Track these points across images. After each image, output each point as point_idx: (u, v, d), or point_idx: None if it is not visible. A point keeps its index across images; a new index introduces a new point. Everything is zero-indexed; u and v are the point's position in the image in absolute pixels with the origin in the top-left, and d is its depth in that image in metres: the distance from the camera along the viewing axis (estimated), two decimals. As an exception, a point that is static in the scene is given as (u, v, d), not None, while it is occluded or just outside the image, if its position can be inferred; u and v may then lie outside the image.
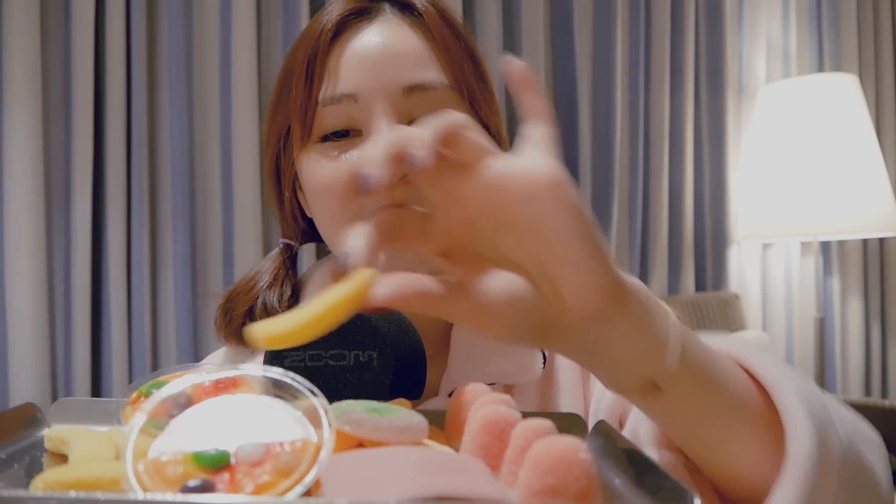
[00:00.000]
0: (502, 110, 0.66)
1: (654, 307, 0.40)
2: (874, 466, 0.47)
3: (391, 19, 0.62)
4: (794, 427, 0.41)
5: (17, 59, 1.26)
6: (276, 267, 0.70)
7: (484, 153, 0.37)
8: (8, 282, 1.26)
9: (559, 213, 0.36)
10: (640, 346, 0.39)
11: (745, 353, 0.46)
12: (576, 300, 0.37)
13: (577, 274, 0.36)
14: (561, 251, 0.36)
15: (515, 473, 0.30)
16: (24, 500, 0.28)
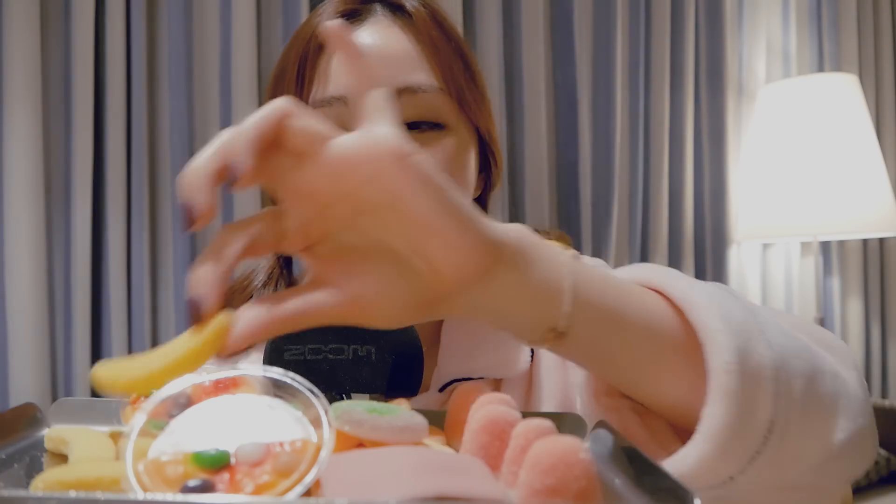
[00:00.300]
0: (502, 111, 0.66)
1: (541, 253, 0.39)
2: (838, 370, 0.46)
3: (382, 21, 0.62)
4: (711, 341, 0.40)
5: (17, 59, 1.26)
6: (270, 266, 0.70)
7: (316, 138, 0.35)
8: (8, 282, 1.26)
9: (410, 185, 0.35)
10: (530, 297, 0.39)
11: (659, 277, 0.45)
12: (450, 268, 0.36)
13: (444, 243, 0.36)
14: (423, 224, 0.35)
15: (515, 473, 0.30)
16: (24, 500, 0.28)
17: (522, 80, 1.68)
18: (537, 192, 1.68)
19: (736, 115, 2.09)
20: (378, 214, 0.36)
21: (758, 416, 0.40)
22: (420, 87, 0.59)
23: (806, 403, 0.42)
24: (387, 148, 0.35)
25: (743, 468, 0.42)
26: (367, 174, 0.35)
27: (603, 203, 1.79)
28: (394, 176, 0.35)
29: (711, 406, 0.40)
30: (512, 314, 0.40)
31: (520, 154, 1.68)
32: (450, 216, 0.35)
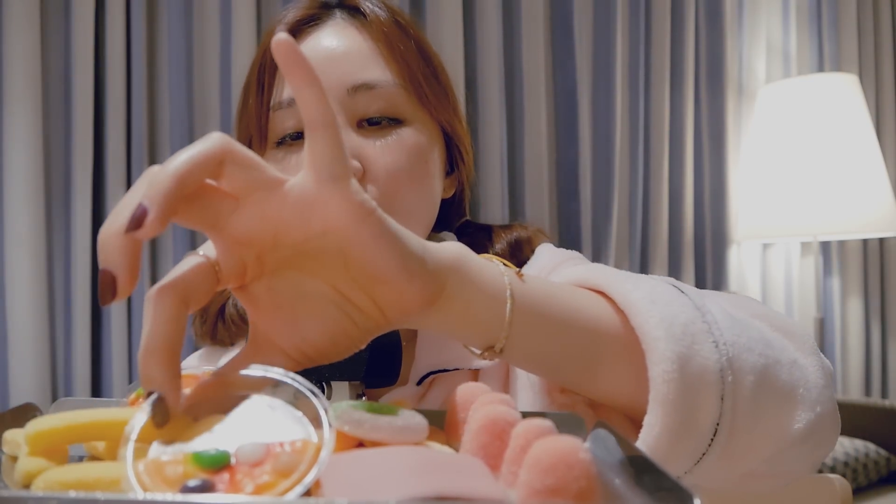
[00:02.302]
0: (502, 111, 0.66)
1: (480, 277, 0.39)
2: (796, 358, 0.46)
3: (339, 23, 0.63)
4: (651, 350, 0.41)
5: (17, 59, 1.26)
6: None
7: (258, 184, 0.32)
8: (8, 282, 1.26)
9: (363, 244, 0.33)
10: (470, 321, 0.40)
11: (603, 279, 0.46)
12: (393, 307, 0.36)
13: (391, 290, 0.35)
14: (372, 274, 0.34)
15: (515, 473, 0.30)
16: (24, 500, 0.28)
17: (522, 80, 1.68)
18: (537, 191, 1.68)
19: (736, 115, 2.09)
20: (323, 262, 0.35)
21: (700, 419, 0.41)
22: (375, 83, 0.60)
23: (758, 397, 0.42)
24: (345, 205, 0.33)
25: (689, 468, 0.42)
26: (317, 228, 0.33)
27: (603, 203, 1.79)
28: (348, 234, 0.33)
29: (651, 415, 0.40)
30: (452, 335, 0.41)
31: (520, 154, 1.68)
32: (402, 268, 0.35)
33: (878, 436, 1.77)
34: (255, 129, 0.63)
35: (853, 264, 2.23)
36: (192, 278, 0.33)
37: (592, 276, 0.47)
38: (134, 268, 0.30)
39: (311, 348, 0.36)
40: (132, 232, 0.29)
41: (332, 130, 0.33)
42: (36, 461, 0.32)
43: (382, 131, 0.60)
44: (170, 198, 0.30)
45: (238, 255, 0.34)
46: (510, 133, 1.68)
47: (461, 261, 0.39)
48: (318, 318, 0.36)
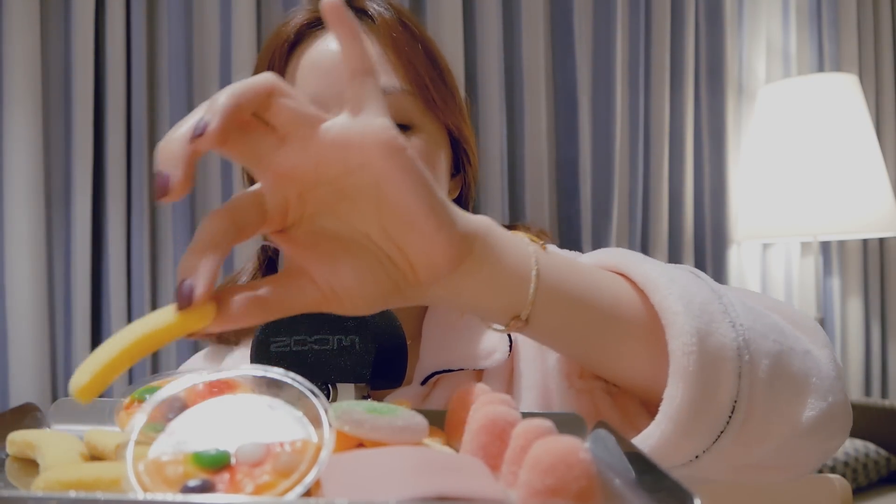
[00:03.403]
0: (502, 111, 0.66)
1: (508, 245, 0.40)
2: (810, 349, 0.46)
3: None
4: (671, 324, 0.42)
5: (17, 59, 1.26)
6: (254, 268, 0.72)
7: (304, 120, 0.35)
8: (8, 282, 1.26)
9: (397, 179, 0.35)
10: (496, 289, 0.40)
11: (623, 260, 0.47)
12: (423, 262, 0.37)
13: (421, 238, 0.36)
14: (402, 216, 0.36)
15: (515, 473, 0.30)
16: (24, 500, 0.28)
17: (522, 80, 1.68)
18: (537, 191, 1.68)
19: (736, 115, 2.09)
20: (359, 203, 0.36)
21: (719, 395, 0.41)
22: (384, 89, 0.60)
23: (773, 381, 0.43)
24: (379, 139, 0.34)
25: (707, 446, 0.42)
26: (355, 162, 0.35)
27: (603, 203, 1.79)
28: (383, 168, 0.35)
29: (672, 387, 0.41)
30: (478, 304, 0.41)
31: (520, 154, 1.68)
32: (430, 213, 0.36)
33: (878, 436, 1.77)
34: None
35: (853, 264, 2.23)
36: (244, 207, 0.35)
37: (610, 257, 0.47)
38: (190, 173, 0.32)
39: (341, 287, 0.37)
40: (194, 140, 0.32)
41: (372, 78, 0.36)
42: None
43: None
44: (228, 115, 0.32)
45: (282, 192, 0.36)
46: (510, 133, 1.68)
47: (489, 228, 0.40)
48: (351, 262, 0.37)
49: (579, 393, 0.48)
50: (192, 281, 0.32)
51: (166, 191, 0.32)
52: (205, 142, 0.32)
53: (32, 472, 0.37)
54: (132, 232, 1.37)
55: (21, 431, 0.39)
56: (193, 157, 0.32)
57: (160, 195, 0.32)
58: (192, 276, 0.33)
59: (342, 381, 0.46)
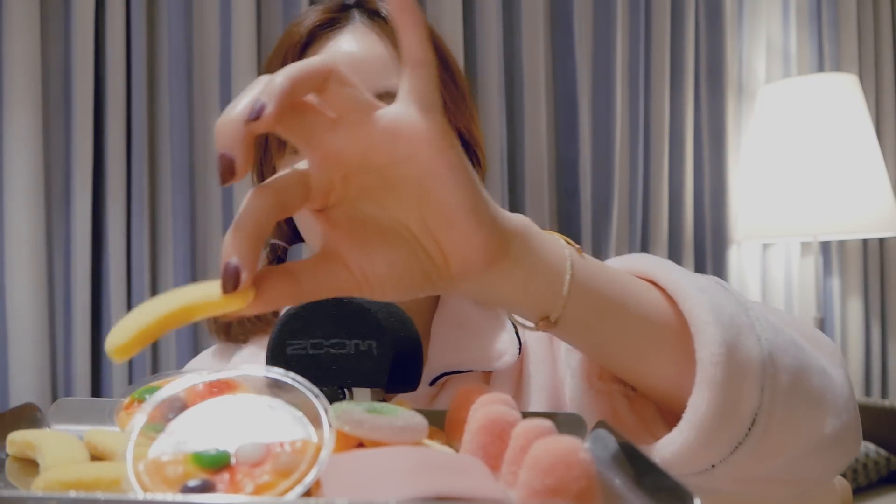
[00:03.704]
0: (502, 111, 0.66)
1: (543, 247, 0.40)
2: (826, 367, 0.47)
3: (360, 28, 0.63)
4: (700, 333, 0.42)
5: (17, 59, 1.26)
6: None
7: (357, 106, 0.35)
8: (8, 282, 1.26)
9: (441, 174, 0.35)
10: (529, 289, 0.40)
11: (654, 267, 0.47)
12: (459, 257, 0.37)
13: (459, 235, 0.36)
14: (443, 212, 0.36)
15: (515, 473, 0.30)
16: (24, 500, 0.28)
17: (522, 80, 1.68)
18: (537, 191, 1.68)
19: (736, 115, 2.09)
20: (402, 193, 0.36)
21: (742, 406, 0.41)
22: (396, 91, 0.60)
23: (791, 397, 0.43)
24: (429, 133, 0.35)
25: (725, 457, 0.43)
26: (403, 153, 0.35)
27: (603, 203, 1.79)
28: (429, 162, 0.35)
29: (697, 395, 0.41)
30: (509, 301, 0.41)
31: (520, 153, 1.68)
32: (471, 211, 0.36)
33: (878, 436, 1.77)
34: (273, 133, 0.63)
35: (853, 264, 2.23)
36: (289, 184, 0.35)
37: (640, 263, 0.48)
38: (249, 153, 0.33)
39: (374, 276, 0.37)
40: (251, 122, 0.32)
41: (429, 68, 0.36)
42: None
43: None
44: (283, 96, 0.32)
45: (327, 173, 0.36)
46: (510, 133, 1.68)
47: (528, 228, 0.40)
48: (387, 251, 0.37)
49: (598, 394, 0.48)
50: (238, 264, 0.33)
51: (232, 171, 0.32)
52: (261, 125, 0.32)
53: (32, 472, 0.37)
54: (132, 232, 1.37)
55: (21, 431, 0.39)
56: (251, 138, 0.33)
57: (226, 177, 0.32)
58: (239, 257, 0.33)
59: (358, 385, 0.46)
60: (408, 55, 0.36)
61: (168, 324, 0.32)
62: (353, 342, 0.47)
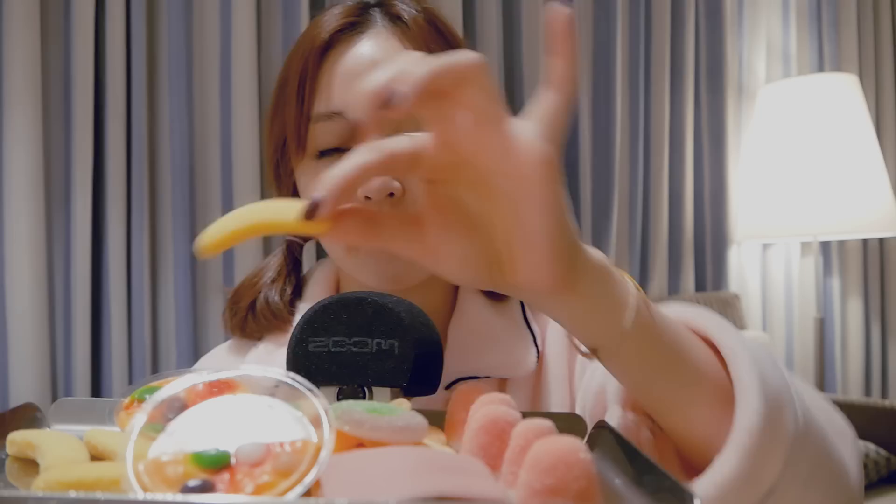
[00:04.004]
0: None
1: (611, 287, 0.41)
2: (844, 457, 0.48)
3: (381, 32, 0.62)
4: (744, 398, 0.43)
5: (17, 59, 1.26)
6: (279, 264, 0.72)
7: (488, 110, 0.36)
8: (8, 282, 1.26)
9: (537, 204, 0.36)
10: (586, 322, 0.41)
11: (706, 322, 0.48)
12: (527, 276, 0.38)
13: (535, 259, 0.37)
14: (527, 236, 0.37)
15: (515, 473, 0.30)
16: (24, 500, 0.28)
17: (522, 80, 1.68)
18: (537, 192, 1.68)
19: (736, 115, 2.09)
20: (498, 200, 0.37)
21: (764, 477, 0.43)
22: None
23: (808, 480, 0.45)
24: (542, 162, 0.36)
25: None
26: (511, 169, 0.36)
27: (603, 203, 1.79)
28: (531, 188, 0.36)
29: (726, 458, 0.42)
30: (564, 325, 0.42)
31: (520, 154, 1.68)
32: (552, 245, 0.37)
33: (878, 436, 1.77)
34: (293, 136, 0.62)
35: (853, 264, 2.23)
36: (399, 150, 0.37)
37: (693, 316, 0.49)
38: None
39: (444, 254, 0.39)
40: (387, 107, 0.33)
41: (565, 104, 0.37)
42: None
43: None
44: (423, 89, 0.33)
45: (443, 155, 0.37)
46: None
47: (602, 268, 0.41)
48: (466, 239, 0.38)
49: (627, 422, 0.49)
50: (320, 199, 0.34)
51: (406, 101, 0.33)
52: (395, 113, 0.33)
53: (32, 472, 0.37)
54: (132, 232, 1.37)
55: (21, 431, 0.39)
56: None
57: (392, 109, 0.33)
58: (324, 194, 0.34)
59: (379, 384, 0.46)
60: (554, 82, 0.37)
61: (256, 231, 0.36)
62: (375, 341, 0.47)
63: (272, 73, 1.49)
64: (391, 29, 0.63)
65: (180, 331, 1.40)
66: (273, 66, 1.48)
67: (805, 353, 2.20)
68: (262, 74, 1.47)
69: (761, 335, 1.94)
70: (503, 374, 0.63)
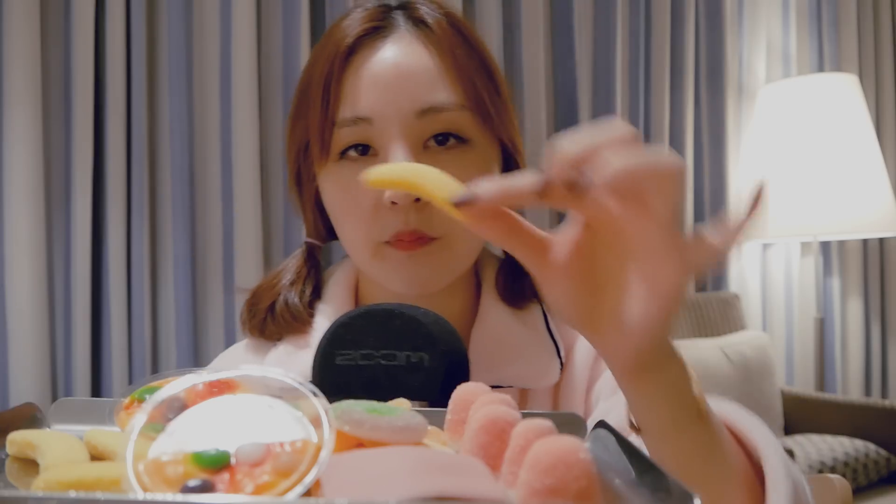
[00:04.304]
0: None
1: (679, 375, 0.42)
2: None
3: (405, 36, 0.62)
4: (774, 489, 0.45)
5: (17, 59, 1.26)
6: (299, 265, 0.71)
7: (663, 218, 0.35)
8: (8, 282, 1.26)
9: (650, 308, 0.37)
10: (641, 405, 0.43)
11: (738, 418, 0.50)
12: (607, 347, 0.40)
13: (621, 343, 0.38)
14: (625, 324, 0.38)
15: (515, 473, 0.30)
16: (24, 500, 0.28)
17: (522, 80, 1.68)
18: (537, 192, 1.68)
19: (736, 115, 2.09)
20: (618, 276, 0.38)
21: None
22: (443, 106, 0.60)
23: None
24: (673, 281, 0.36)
25: None
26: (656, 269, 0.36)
27: (603, 203, 1.79)
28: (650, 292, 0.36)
29: None
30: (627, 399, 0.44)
31: (520, 154, 1.68)
32: (650, 338, 0.38)
33: (878, 436, 1.77)
34: (317, 140, 0.61)
35: (853, 264, 2.23)
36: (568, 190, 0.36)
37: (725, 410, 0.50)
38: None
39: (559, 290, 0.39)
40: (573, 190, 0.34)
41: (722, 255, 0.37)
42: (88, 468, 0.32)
43: (448, 152, 0.60)
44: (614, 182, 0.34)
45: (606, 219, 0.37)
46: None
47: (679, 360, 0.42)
48: (577, 282, 0.39)
49: None
50: (477, 198, 0.36)
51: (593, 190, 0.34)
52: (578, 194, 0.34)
53: (32, 472, 0.37)
54: (132, 232, 1.37)
55: (21, 431, 0.39)
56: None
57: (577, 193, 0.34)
58: (478, 195, 0.35)
59: (411, 398, 0.46)
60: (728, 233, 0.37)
61: (413, 189, 0.39)
62: (405, 354, 0.47)
63: (272, 73, 1.49)
64: (415, 33, 0.62)
65: (180, 331, 1.40)
66: (273, 66, 1.48)
67: (805, 353, 2.20)
68: (262, 74, 1.47)
69: (761, 335, 1.94)
70: (526, 385, 0.63)
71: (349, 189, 0.60)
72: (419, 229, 0.57)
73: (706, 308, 1.93)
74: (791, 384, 2.22)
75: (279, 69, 1.49)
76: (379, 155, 0.59)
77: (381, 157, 0.59)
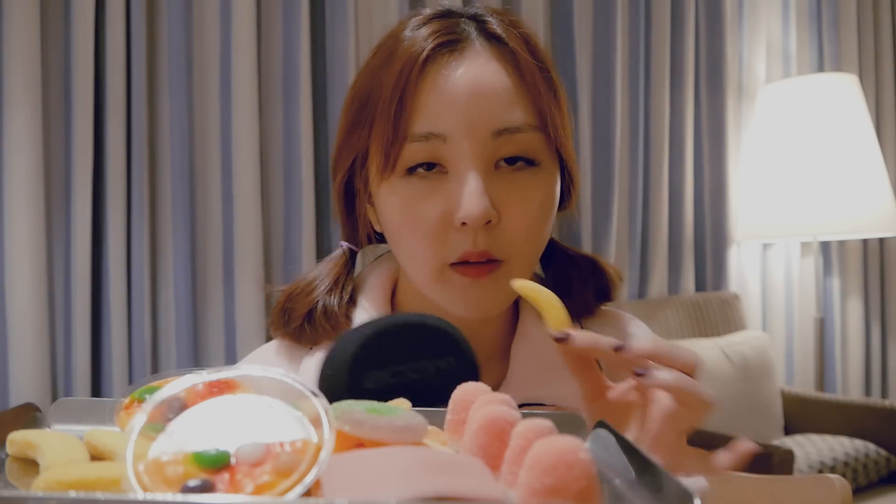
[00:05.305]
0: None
1: None
2: None
3: (481, 54, 0.60)
4: None
5: (17, 59, 1.26)
6: (336, 271, 0.70)
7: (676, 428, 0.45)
8: (8, 282, 1.26)
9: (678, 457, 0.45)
10: None
11: None
12: None
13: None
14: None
15: (515, 473, 0.30)
16: (24, 500, 0.28)
17: (522, 80, 1.68)
18: (537, 192, 1.68)
19: (736, 115, 2.09)
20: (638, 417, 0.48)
21: None
22: (518, 127, 0.59)
23: None
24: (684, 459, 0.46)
25: None
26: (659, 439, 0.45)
27: (603, 203, 1.79)
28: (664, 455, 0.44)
29: None
30: None
31: (520, 154, 1.68)
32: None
33: (878, 436, 1.77)
34: (383, 153, 0.59)
35: (853, 264, 2.23)
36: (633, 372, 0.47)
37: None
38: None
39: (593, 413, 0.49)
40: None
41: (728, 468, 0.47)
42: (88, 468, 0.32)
43: (518, 173, 0.60)
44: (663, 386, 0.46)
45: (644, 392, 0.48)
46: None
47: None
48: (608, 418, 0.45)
49: None
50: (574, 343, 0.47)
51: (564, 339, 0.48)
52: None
53: (32, 472, 0.37)
54: (132, 232, 1.37)
55: (21, 431, 0.39)
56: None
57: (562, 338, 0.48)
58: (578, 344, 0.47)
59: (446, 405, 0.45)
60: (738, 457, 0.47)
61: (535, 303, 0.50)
62: (432, 363, 0.46)
63: (272, 74, 1.49)
64: (489, 50, 0.60)
65: (180, 331, 1.40)
66: (273, 66, 1.48)
67: (805, 353, 2.20)
68: (262, 74, 1.47)
69: (761, 335, 1.94)
70: (569, 405, 0.62)
71: (415, 206, 0.58)
72: (487, 250, 0.57)
73: (706, 308, 1.93)
74: (791, 384, 2.22)
75: (279, 69, 1.49)
76: (449, 173, 0.58)
77: (452, 176, 0.58)
